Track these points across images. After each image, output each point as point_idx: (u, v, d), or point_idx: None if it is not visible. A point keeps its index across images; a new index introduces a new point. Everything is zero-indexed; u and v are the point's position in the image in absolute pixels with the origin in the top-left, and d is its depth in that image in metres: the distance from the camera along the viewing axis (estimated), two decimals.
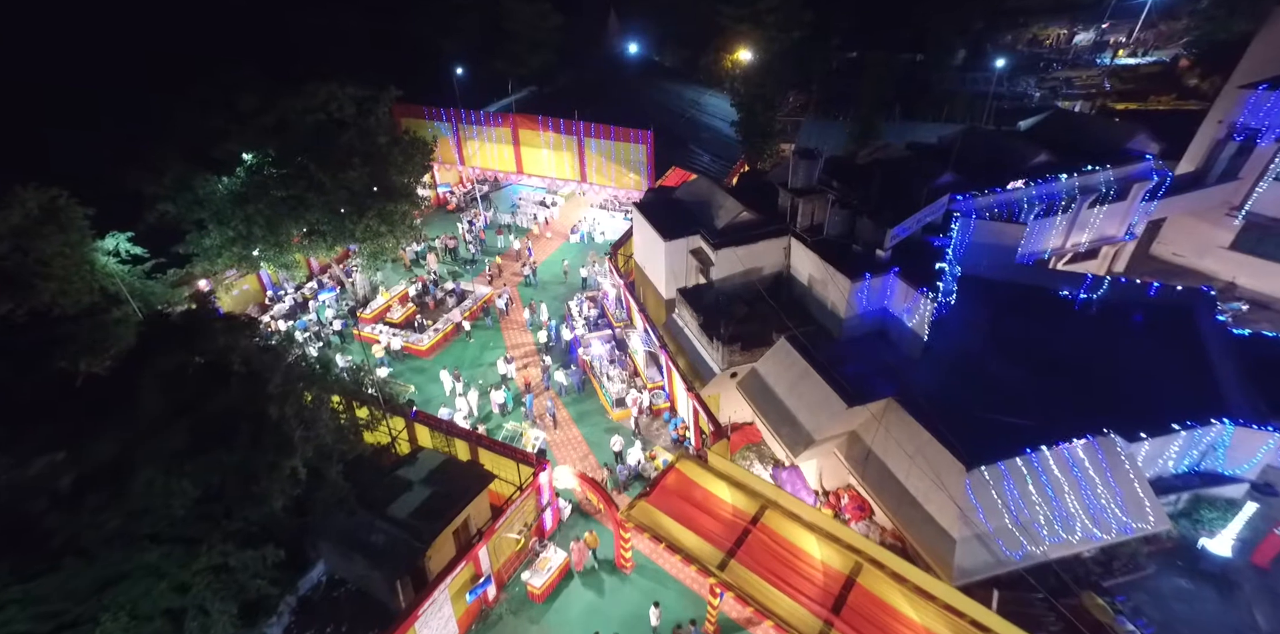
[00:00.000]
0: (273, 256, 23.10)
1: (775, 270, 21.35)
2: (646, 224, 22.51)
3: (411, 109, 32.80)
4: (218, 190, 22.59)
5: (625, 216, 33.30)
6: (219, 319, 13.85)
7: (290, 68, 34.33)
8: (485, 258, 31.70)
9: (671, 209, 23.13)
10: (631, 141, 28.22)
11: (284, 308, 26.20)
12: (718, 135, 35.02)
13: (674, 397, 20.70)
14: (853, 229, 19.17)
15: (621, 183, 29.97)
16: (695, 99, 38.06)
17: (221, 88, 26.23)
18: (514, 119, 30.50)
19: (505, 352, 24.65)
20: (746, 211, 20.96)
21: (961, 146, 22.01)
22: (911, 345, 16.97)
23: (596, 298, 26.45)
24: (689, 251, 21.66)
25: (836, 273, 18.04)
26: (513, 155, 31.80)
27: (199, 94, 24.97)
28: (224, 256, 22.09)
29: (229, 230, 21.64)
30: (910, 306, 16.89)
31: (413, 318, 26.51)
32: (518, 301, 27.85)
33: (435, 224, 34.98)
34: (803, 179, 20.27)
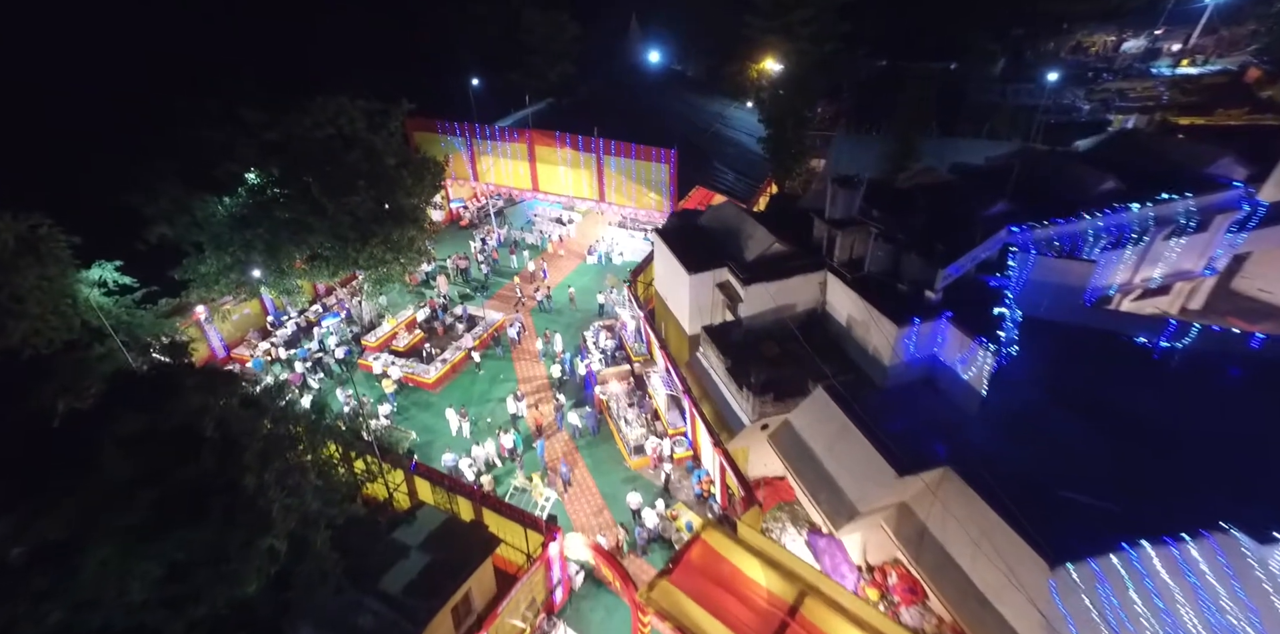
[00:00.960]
0: (273, 282, 21.84)
1: (810, 307, 19.56)
2: (669, 253, 20.86)
3: (424, 123, 31.61)
4: (217, 212, 21.39)
5: (645, 237, 31.70)
6: (195, 373, 12.42)
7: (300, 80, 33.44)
8: (498, 279, 30.28)
9: (696, 237, 21.47)
10: (653, 161, 26.64)
11: (286, 333, 24.96)
12: (743, 151, 33.32)
13: (697, 445, 18.96)
14: (898, 266, 17.35)
15: (642, 203, 28.39)
16: (720, 112, 36.41)
17: (227, 99, 25.24)
18: (530, 135, 29.10)
19: (516, 386, 23.11)
20: (779, 243, 19.23)
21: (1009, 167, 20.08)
22: (966, 400, 15.07)
23: (614, 328, 24.82)
24: (715, 285, 19.98)
25: (881, 316, 16.21)
26: (528, 172, 30.39)
27: (204, 105, 23.99)
28: (221, 283, 20.85)
29: (226, 256, 20.39)
30: (965, 357, 15.01)
31: (420, 345, 25.10)
32: (530, 329, 26.32)
33: (447, 241, 33.70)
34: (842, 210, 18.48)
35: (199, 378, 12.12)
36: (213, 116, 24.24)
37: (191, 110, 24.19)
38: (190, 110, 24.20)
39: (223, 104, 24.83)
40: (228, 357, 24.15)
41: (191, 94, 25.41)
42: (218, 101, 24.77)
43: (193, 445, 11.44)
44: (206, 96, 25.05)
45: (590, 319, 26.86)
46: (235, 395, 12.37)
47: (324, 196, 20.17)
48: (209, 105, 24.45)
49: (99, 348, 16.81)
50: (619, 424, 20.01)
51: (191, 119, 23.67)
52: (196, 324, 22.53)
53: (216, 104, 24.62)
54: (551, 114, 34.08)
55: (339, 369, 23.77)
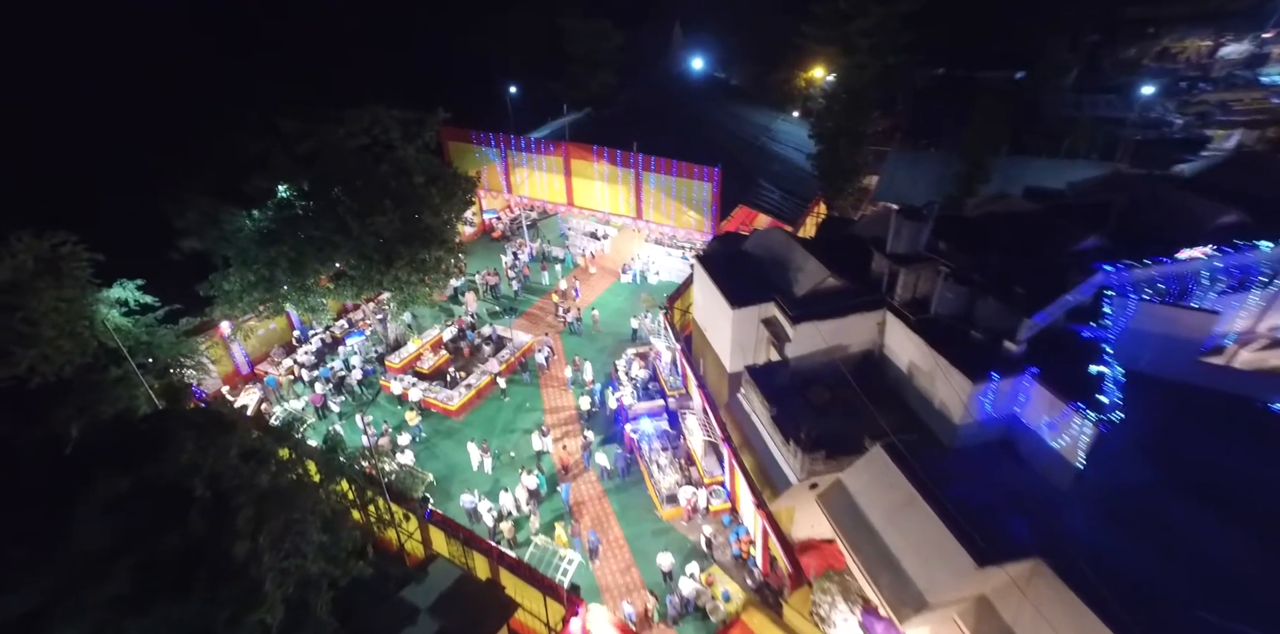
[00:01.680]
0: (298, 299, 21.02)
1: (865, 348, 17.73)
2: (710, 282, 19.29)
3: (458, 133, 30.73)
4: (244, 227, 20.69)
5: (683, 256, 30.17)
6: (191, 424, 11.36)
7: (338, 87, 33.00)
8: (528, 296, 29.14)
9: (740, 265, 19.84)
10: (695, 179, 25.09)
11: (311, 348, 24.22)
12: (791, 168, 31.50)
13: (736, 496, 17.31)
14: (971, 310, 15.41)
15: (681, 222, 26.87)
16: (766, 125, 34.65)
17: (266, 109, 24.80)
18: (567, 148, 27.87)
19: (542, 416, 21.83)
20: (833, 278, 17.48)
21: (1109, 199, 17.86)
22: (1057, 473, 13.09)
23: (648, 356, 23.33)
24: (760, 320, 18.33)
25: (951, 368, 14.31)
26: (563, 186, 29.18)
27: (243, 115, 23.59)
28: (245, 301, 20.11)
29: (250, 273, 19.62)
30: (1055, 422, 13.04)
31: (445, 367, 24.06)
32: (560, 354, 25.03)
33: (479, 253, 32.78)
34: (905, 244, 16.63)
35: (194, 430, 11.05)
36: (251, 126, 23.79)
37: (231, 119, 23.80)
38: (230, 119, 23.81)
39: (261, 113, 24.40)
40: (251, 373, 23.50)
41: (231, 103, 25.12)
42: (257, 110, 24.36)
43: (180, 507, 10.34)
44: (246, 105, 24.69)
45: (622, 344, 25.44)
46: (234, 446, 11.28)
47: (349, 215, 19.21)
48: (249, 114, 24.03)
49: (115, 370, 16.09)
50: (650, 468, 18.49)
51: (230, 128, 23.26)
52: (220, 340, 21.88)
53: (256, 113, 24.20)
54: (589, 124, 32.86)
55: (360, 390, 22.85)
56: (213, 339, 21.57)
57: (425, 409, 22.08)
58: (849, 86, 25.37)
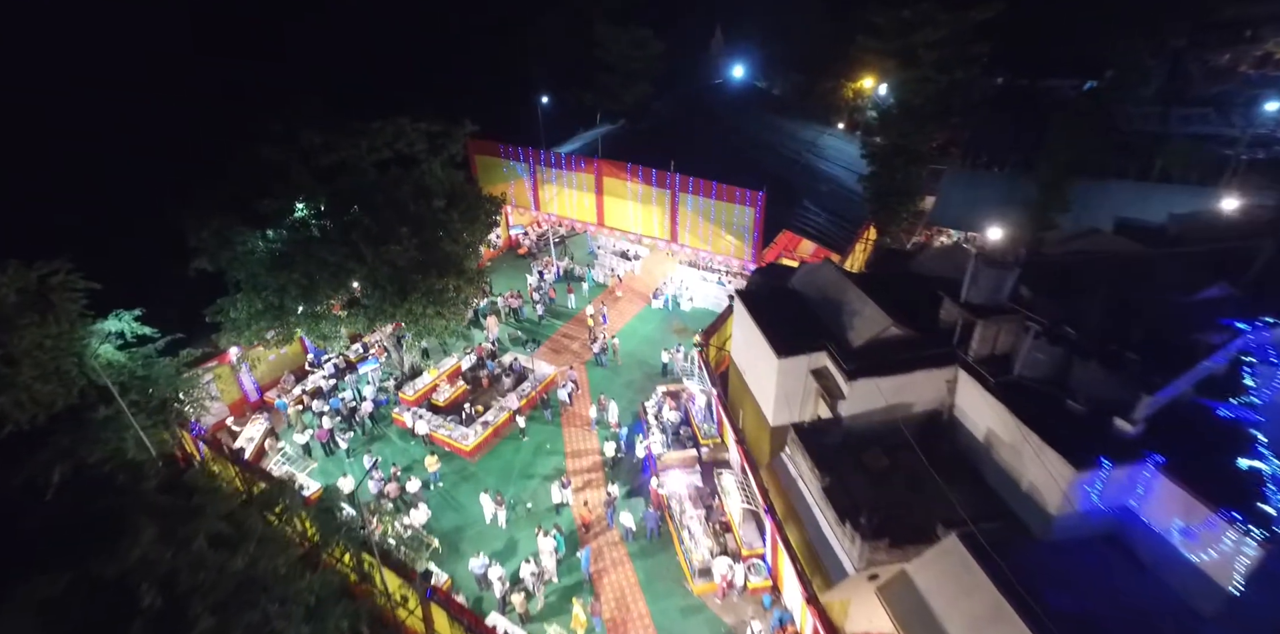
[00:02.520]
0: (309, 327, 19.64)
1: (931, 408, 15.48)
2: (752, 323, 17.28)
3: (486, 146, 29.27)
4: (256, 249, 19.40)
5: (719, 281, 28.14)
6: (157, 505, 9.78)
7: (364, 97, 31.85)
8: (553, 321, 27.45)
9: (786, 304, 17.79)
10: (737, 203, 23.07)
11: (325, 374, 22.87)
12: (838, 189, 29.23)
13: (778, 573, 15.20)
14: (1066, 375, 13.08)
15: (718, 247, 24.86)
16: (811, 140, 32.39)
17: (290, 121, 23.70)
18: (599, 165, 26.14)
19: (563, 460, 20.05)
20: (895, 327, 15.29)
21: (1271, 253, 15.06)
22: (1198, 592, 10.64)
23: (680, 396, 21.35)
24: (809, 371, 16.22)
25: (1046, 448, 12.01)
26: (594, 204, 27.44)
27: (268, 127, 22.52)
28: (251, 329, 18.77)
29: (258, 301, 18.27)
30: (1196, 530, 10.62)
31: (462, 399, 22.48)
32: (584, 388, 23.22)
33: (504, 270, 31.29)
34: (985, 293, 14.37)
35: (157, 516, 9.46)
36: (274, 136, 22.68)
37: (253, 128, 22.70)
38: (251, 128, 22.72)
39: (286, 125, 23.29)
40: (260, 400, 22.24)
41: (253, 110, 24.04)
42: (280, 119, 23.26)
43: (125, 613, 8.72)
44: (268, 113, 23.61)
45: (651, 379, 23.52)
46: (200, 535, 9.65)
47: (363, 242, 17.71)
48: (273, 126, 22.93)
49: (104, 409, 14.80)
50: (681, 534, 16.48)
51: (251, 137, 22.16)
52: (228, 367, 20.62)
53: (279, 122, 23.09)
54: (623, 137, 31.08)
55: (371, 424, 21.37)
56: (219, 367, 20.34)
57: (432, 444, 20.48)
58: (908, 102, 23.05)
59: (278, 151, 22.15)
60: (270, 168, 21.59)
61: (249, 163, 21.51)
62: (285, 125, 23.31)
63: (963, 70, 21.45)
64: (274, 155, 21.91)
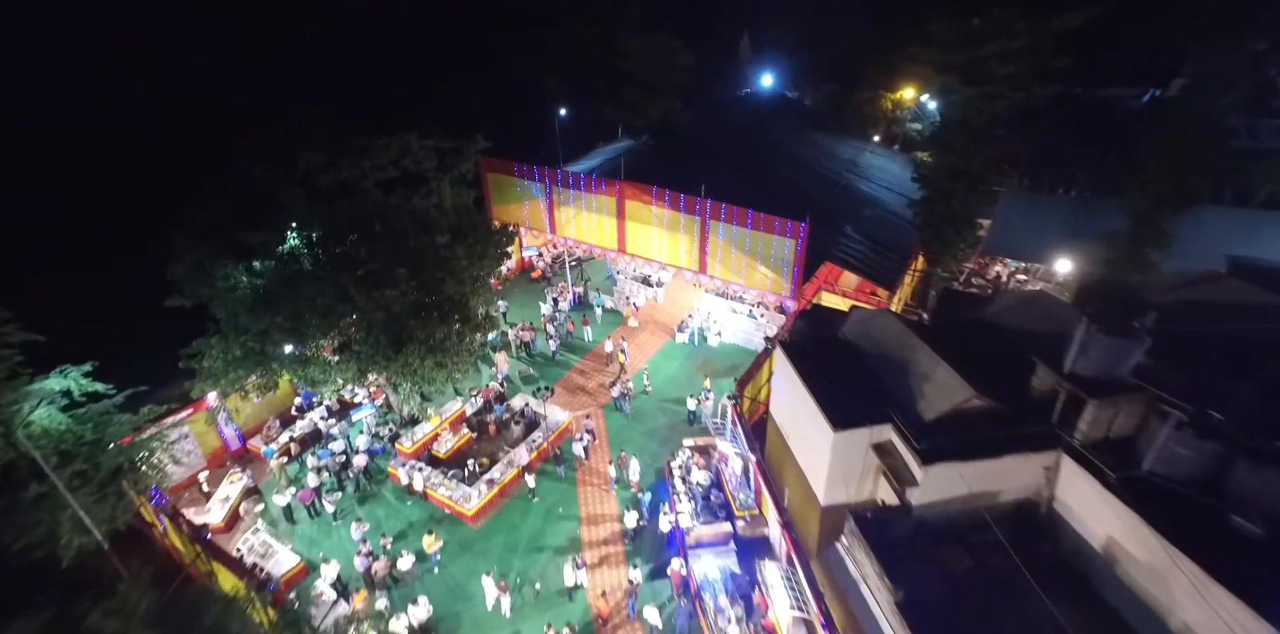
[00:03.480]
0: (295, 371, 17.48)
1: (1023, 496, 12.87)
2: (799, 382, 14.79)
3: (499, 164, 27.12)
4: (241, 285, 17.29)
5: (750, 313, 25.65)
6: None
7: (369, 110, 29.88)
8: (568, 355, 25.13)
9: (838, 360, 15.28)
10: (776, 233, 20.58)
11: (316, 417, 20.73)
12: (883, 213, 26.61)
13: None
14: (1222, 477, 10.39)
15: (752, 280, 22.37)
16: (851, 158, 29.78)
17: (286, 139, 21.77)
18: (621, 187, 23.81)
19: (578, 527, 17.67)
20: (979, 398, 12.69)
21: None
22: None
23: (710, 455, 18.87)
24: (870, 445, 13.67)
25: (1216, 587, 9.30)
26: (614, 229, 25.11)
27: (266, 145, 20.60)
28: (228, 378, 16.65)
29: (236, 348, 16.13)
30: None
31: (466, 448, 20.26)
32: (602, 439, 20.83)
33: (515, 296, 29.06)
34: (1100, 365, 11.79)
35: None
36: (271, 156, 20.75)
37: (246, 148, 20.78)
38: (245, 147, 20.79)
39: (284, 144, 21.35)
40: (242, 448, 20.14)
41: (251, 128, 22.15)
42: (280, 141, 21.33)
43: None
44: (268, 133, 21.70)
45: (677, 427, 21.10)
46: None
47: (353, 285, 15.48)
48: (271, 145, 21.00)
49: (37, 486, 12.67)
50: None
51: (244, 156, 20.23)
52: (205, 414, 18.52)
53: (279, 144, 21.17)
54: (646, 155, 28.73)
55: (364, 481, 19.14)
56: (194, 417, 18.26)
57: (427, 501, 18.20)
58: (970, 121, 20.42)
59: (271, 173, 20.23)
60: (262, 192, 19.63)
61: (238, 186, 19.57)
62: (284, 144, 21.41)
63: (1040, 86, 18.77)
64: (267, 178, 19.98)
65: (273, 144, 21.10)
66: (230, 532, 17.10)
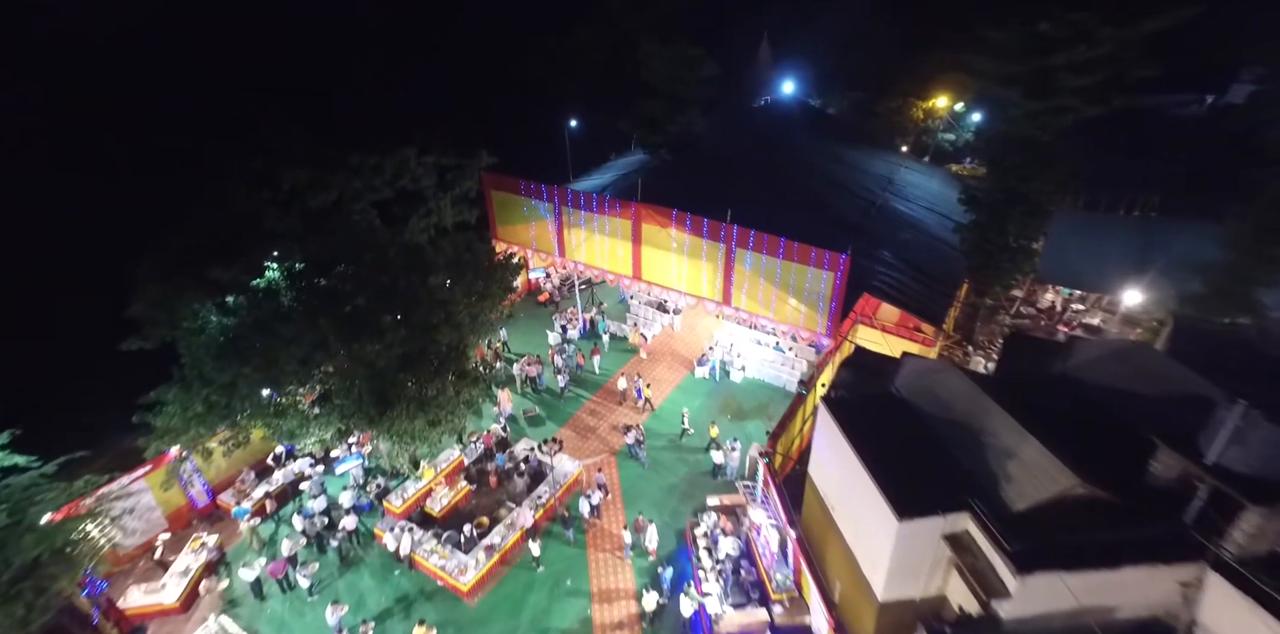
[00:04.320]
0: (269, 423, 15.31)
1: (1149, 615, 10.45)
2: (850, 452, 12.49)
3: (504, 181, 24.95)
4: (208, 325, 15.17)
5: (777, 346, 23.34)
6: None
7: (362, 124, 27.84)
8: (577, 391, 22.89)
9: (895, 425, 13.04)
10: (812, 265, 18.27)
11: (297, 468, 18.58)
12: (923, 236, 24.29)
13: None
14: None
15: (783, 314, 20.06)
16: (886, 175, 27.44)
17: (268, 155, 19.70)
18: (638, 209, 21.57)
19: (588, 605, 15.38)
20: (1084, 487, 10.33)
21: None
22: None
23: (739, 520, 16.57)
24: (943, 537, 11.33)
25: None
26: (629, 254, 22.88)
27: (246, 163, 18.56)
28: (188, 435, 14.51)
29: (198, 404, 13.98)
30: None
31: (464, 504, 18.08)
32: (615, 494, 18.56)
33: (520, 322, 26.92)
34: (1261, 460, 9.37)
35: None
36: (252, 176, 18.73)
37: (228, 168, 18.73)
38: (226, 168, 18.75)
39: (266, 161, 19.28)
40: (212, 504, 17.98)
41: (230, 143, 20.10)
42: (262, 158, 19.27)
43: None
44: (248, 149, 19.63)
45: (699, 481, 18.84)
46: None
47: (334, 334, 13.28)
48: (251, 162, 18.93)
49: None
50: None
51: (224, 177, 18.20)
52: (168, 468, 16.29)
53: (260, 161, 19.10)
54: (664, 172, 26.50)
55: (349, 545, 16.93)
56: (152, 474, 16.13)
57: (410, 566, 15.98)
58: (1034, 139, 18.07)
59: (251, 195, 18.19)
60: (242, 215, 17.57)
61: (212, 211, 17.51)
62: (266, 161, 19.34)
63: (1121, 98, 16.39)
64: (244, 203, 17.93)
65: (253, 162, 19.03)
66: (187, 612, 14.90)
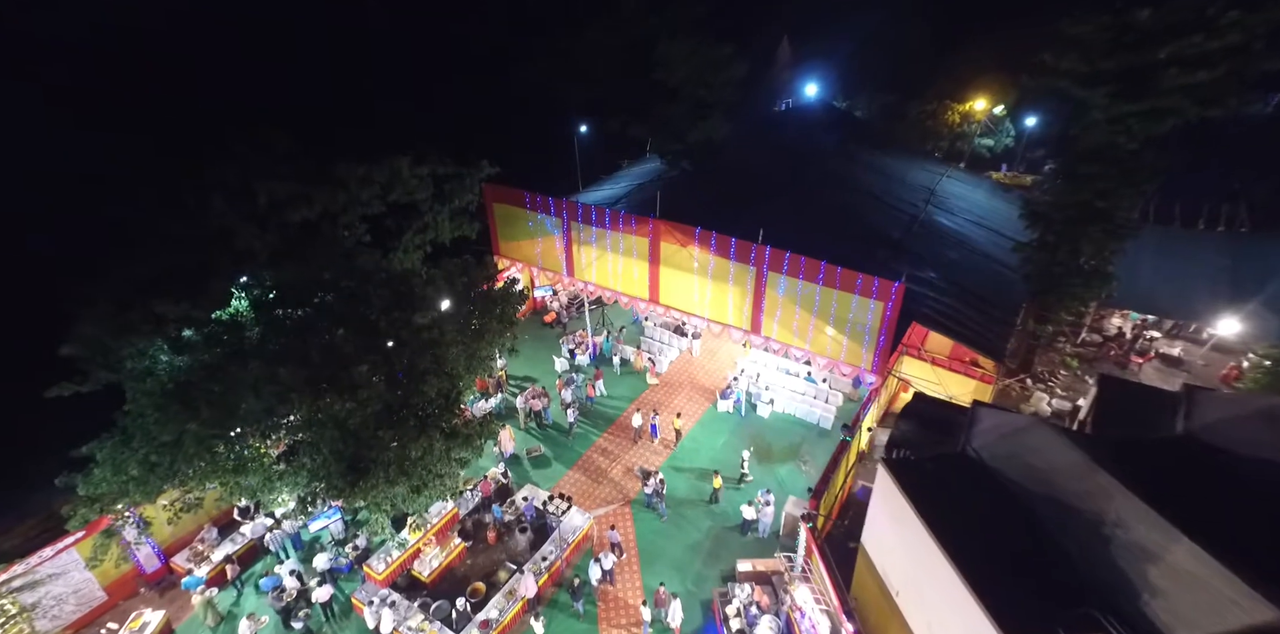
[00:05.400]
0: (225, 480, 12.98)
1: None
2: (928, 537, 10.07)
3: (507, 193, 22.71)
4: (156, 367, 12.89)
5: (808, 377, 20.96)
6: None
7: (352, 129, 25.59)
8: (587, 428, 20.55)
9: (978, 500, 10.59)
10: (858, 293, 15.85)
11: (256, 529, 16.19)
12: (973, 254, 21.82)
13: None
14: None
15: (820, 347, 17.66)
16: (928, 186, 24.99)
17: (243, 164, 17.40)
18: (655, 226, 19.24)
19: None
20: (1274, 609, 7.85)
21: None
22: None
23: (776, 587, 14.14)
24: None
25: None
26: (646, 276, 20.55)
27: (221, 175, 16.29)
28: (124, 501, 12.22)
29: (132, 466, 11.70)
30: None
31: (457, 566, 15.76)
32: (631, 554, 16.16)
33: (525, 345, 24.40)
34: None
35: None
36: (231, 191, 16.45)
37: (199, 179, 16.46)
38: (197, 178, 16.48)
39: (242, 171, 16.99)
40: (164, 567, 15.65)
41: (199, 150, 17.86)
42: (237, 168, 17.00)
43: None
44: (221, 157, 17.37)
45: (726, 541, 16.40)
46: None
47: (296, 385, 10.96)
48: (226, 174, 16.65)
49: None
50: None
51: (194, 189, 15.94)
52: (108, 530, 13.90)
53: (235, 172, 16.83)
54: (683, 184, 24.16)
55: (324, 618, 14.61)
56: (85, 537, 13.84)
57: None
58: (1114, 147, 15.62)
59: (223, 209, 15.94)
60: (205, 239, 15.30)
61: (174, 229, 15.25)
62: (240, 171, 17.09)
63: (1239, 97, 13.91)
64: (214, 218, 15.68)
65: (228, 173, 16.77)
66: None
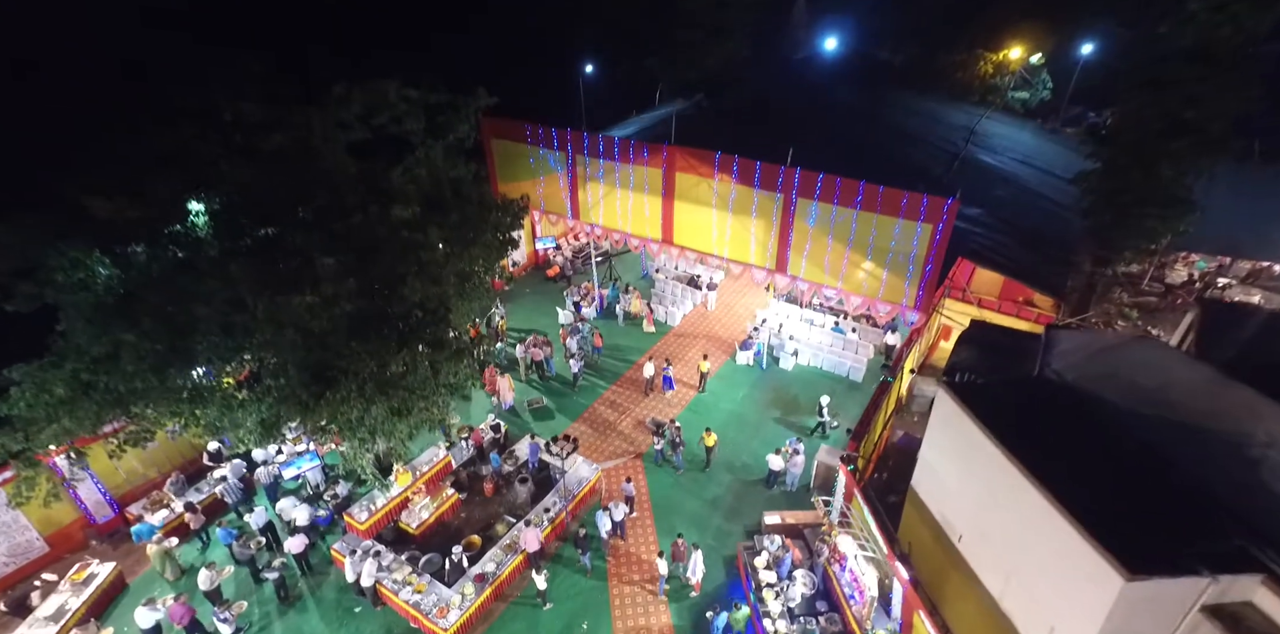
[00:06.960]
0: (179, 410, 11.21)
1: None
2: (1006, 463, 8.21)
3: (507, 126, 20.81)
4: (94, 281, 11.06)
5: (836, 326, 19.11)
6: None
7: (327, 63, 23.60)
8: (593, 380, 18.76)
9: (1071, 425, 8.67)
10: (902, 216, 13.94)
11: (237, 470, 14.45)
12: (1022, 193, 19.88)
13: None
14: None
15: (854, 284, 15.77)
16: (968, 126, 22.98)
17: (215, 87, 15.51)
18: (669, 154, 17.32)
19: None
20: None
21: None
22: None
23: (809, 539, 12.38)
24: (1200, 608, 7.05)
25: None
26: (658, 213, 18.68)
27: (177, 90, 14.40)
28: (50, 429, 10.43)
29: (59, 384, 9.92)
30: None
31: (450, 518, 14.06)
32: (644, 509, 14.41)
33: (525, 299, 22.87)
34: None
35: None
36: (188, 109, 14.53)
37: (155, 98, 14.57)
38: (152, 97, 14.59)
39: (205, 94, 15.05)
40: (118, 518, 13.92)
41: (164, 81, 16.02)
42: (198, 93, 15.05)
43: None
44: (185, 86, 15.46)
45: (749, 495, 14.64)
46: None
47: (246, 282, 9.12)
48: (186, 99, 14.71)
49: None
50: None
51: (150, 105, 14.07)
52: (48, 471, 12.08)
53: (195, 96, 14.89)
54: (698, 120, 22.23)
55: (299, 570, 12.89)
56: (8, 483, 12.07)
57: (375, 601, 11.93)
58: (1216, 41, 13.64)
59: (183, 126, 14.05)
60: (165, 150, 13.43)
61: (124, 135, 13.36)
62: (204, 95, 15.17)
63: None
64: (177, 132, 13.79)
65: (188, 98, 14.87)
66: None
